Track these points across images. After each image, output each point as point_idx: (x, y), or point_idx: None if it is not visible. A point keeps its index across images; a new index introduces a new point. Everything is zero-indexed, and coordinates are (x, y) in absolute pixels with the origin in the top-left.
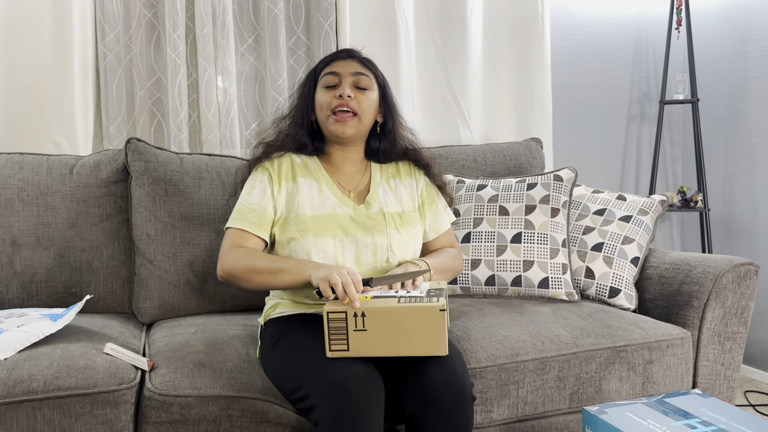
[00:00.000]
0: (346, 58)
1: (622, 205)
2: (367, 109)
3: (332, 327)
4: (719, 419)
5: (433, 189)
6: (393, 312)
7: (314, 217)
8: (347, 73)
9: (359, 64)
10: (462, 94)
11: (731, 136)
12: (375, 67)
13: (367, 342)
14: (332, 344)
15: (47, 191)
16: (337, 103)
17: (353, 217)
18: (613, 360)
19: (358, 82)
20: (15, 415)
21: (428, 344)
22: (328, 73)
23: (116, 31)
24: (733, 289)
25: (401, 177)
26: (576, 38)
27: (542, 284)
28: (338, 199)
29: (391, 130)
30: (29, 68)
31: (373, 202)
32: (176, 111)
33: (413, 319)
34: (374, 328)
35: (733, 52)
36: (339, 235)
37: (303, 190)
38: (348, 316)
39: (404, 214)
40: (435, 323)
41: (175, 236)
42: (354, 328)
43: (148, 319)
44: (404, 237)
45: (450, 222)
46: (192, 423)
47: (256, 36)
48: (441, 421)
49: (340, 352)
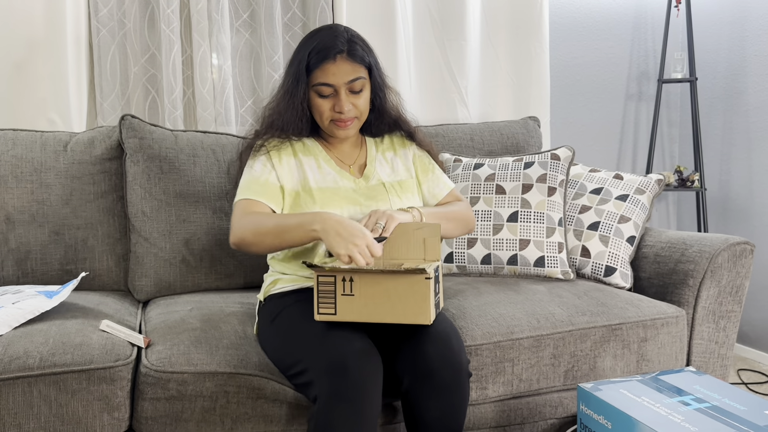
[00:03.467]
0: (335, 58)
1: (619, 184)
2: (364, 108)
3: (321, 290)
4: (713, 396)
5: (425, 157)
6: (380, 279)
7: (319, 189)
8: (342, 83)
9: (349, 63)
10: (459, 72)
11: (729, 116)
12: (363, 50)
13: (353, 307)
14: (320, 307)
15: (41, 168)
16: (337, 117)
17: (354, 189)
18: (608, 338)
19: (353, 88)
20: (11, 391)
21: (413, 312)
22: (321, 84)
23: (109, 6)
24: (728, 268)
25: (395, 149)
26: (575, 16)
27: (538, 263)
28: (338, 173)
29: (379, 105)
30: (21, 44)
31: (371, 176)
32: (171, 87)
33: (399, 286)
34: (361, 293)
35: (732, 31)
36: (345, 206)
37: (305, 165)
38: (337, 280)
39: (402, 182)
40: (420, 291)
41: (171, 214)
42: (342, 293)
43: (143, 297)
44: (405, 202)
45: (451, 185)
46: (189, 399)
47: (251, 11)
48: (437, 395)
49: (328, 315)
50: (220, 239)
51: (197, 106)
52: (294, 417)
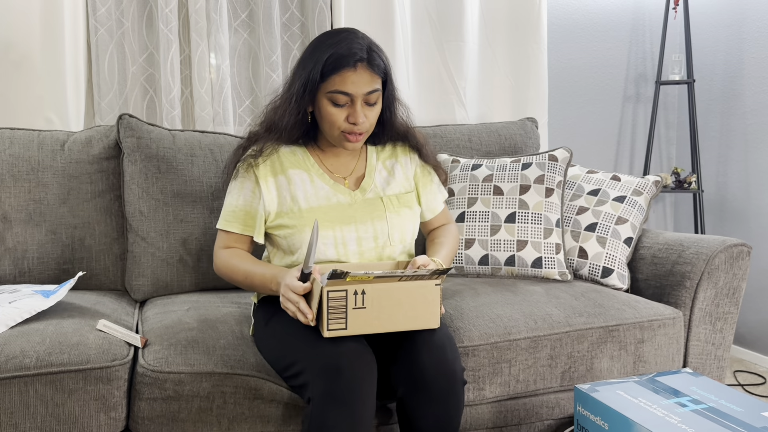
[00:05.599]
0: (355, 66)
1: (617, 186)
2: (375, 121)
3: (332, 306)
4: (709, 398)
5: (426, 169)
6: (393, 289)
7: (309, 209)
8: (360, 94)
9: (369, 72)
10: (458, 72)
11: (726, 118)
12: (381, 59)
13: (365, 319)
14: (330, 323)
15: (38, 167)
16: (351, 129)
17: (350, 204)
18: (604, 339)
19: (369, 100)
20: (7, 390)
21: (423, 318)
22: (338, 92)
23: (108, 5)
24: (725, 270)
25: (397, 157)
26: (573, 17)
27: (535, 264)
28: (331, 188)
29: (388, 118)
30: (19, 42)
31: (369, 188)
32: (168, 87)
33: (411, 294)
34: (373, 305)
35: (730, 33)
36: (337, 226)
37: (295, 181)
38: (348, 294)
39: (401, 196)
40: (430, 297)
41: (168, 213)
42: (353, 306)
43: (140, 296)
44: (403, 219)
45: (443, 200)
46: (185, 399)
47: (250, 11)
48: (431, 405)
49: (338, 330)
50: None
51: (195, 105)
52: (290, 417)
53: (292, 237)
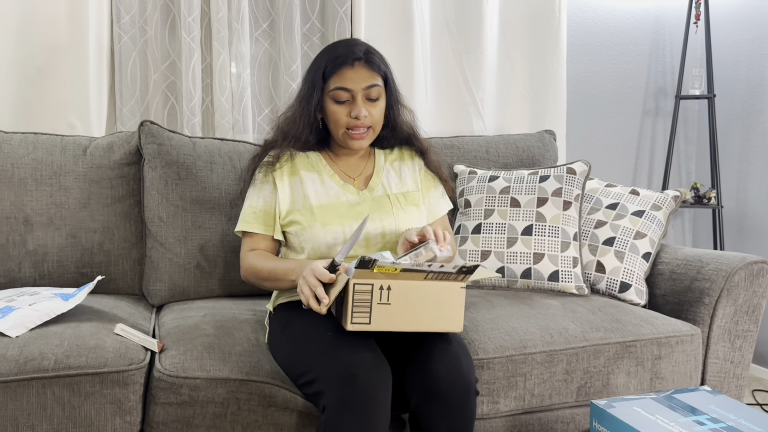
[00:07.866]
0: (353, 64)
1: (635, 200)
2: (379, 119)
3: (357, 299)
4: (728, 416)
5: (430, 174)
6: (418, 287)
7: (320, 206)
8: (359, 89)
9: (367, 70)
10: (476, 84)
11: (747, 133)
12: (379, 60)
13: (389, 316)
14: (354, 316)
15: (60, 171)
16: (354, 124)
17: (358, 202)
18: (621, 355)
19: (370, 95)
20: (25, 392)
21: (446, 320)
22: (339, 89)
23: (132, 14)
24: (745, 287)
25: (404, 159)
26: (593, 30)
27: (552, 277)
28: (341, 188)
29: (392, 119)
30: (44, 49)
31: (377, 186)
32: (189, 95)
33: (436, 294)
34: (398, 302)
35: (752, 48)
36: (346, 222)
37: (306, 182)
38: (374, 288)
39: (408, 194)
40: (455, 299)
41: (187, 219)
42: (378, 301)
43: (158, 302)
44: (410, 216)
45: (447, 209)
46: (200, 405)
47: (271, 21)
48: (444, 416)
49: (361, 325)
50: (234, 246)
51: (215, 113)
52: (304, 425)
53: (303, 233)
